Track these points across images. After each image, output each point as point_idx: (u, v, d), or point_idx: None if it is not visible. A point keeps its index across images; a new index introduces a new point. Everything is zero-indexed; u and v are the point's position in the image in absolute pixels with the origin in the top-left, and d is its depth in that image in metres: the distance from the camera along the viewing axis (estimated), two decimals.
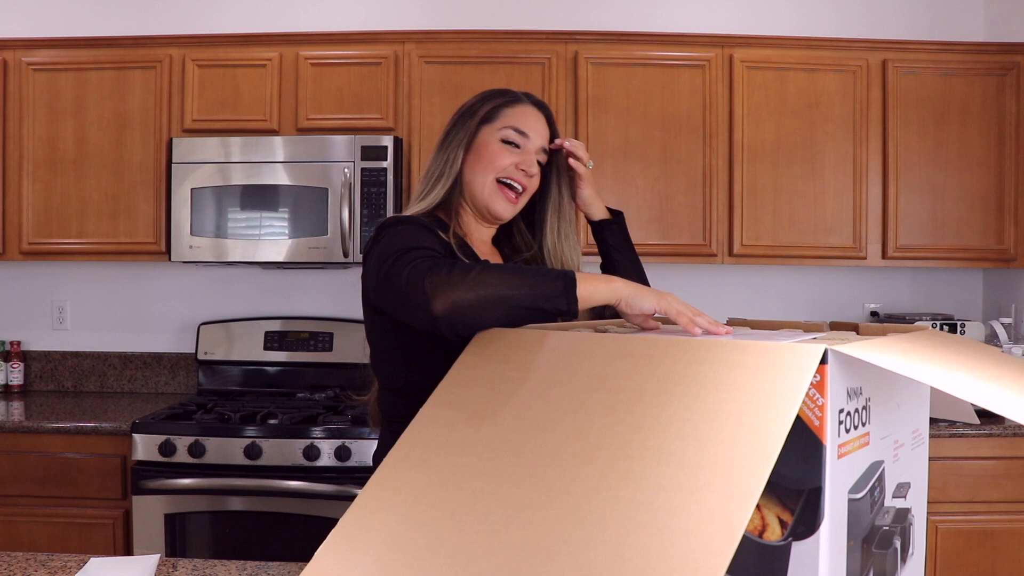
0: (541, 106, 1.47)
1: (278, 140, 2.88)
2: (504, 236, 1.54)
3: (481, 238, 1.47)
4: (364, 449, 2.52)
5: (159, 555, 1.37)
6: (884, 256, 3.00)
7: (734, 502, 0.60)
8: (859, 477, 0.75)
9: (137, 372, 3.32)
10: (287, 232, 2.86)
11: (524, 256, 1.52)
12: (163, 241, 2.96)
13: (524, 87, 2.96)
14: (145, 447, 2.53)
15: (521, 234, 1.54)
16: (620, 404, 0.73)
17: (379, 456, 1.45)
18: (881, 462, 0.79)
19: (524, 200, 1.44)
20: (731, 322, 1.06)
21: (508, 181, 1.39)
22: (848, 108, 2.99)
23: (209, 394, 3.14)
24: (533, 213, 1.52)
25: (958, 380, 0.70)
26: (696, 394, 0.70)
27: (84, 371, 3.34)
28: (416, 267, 1.10)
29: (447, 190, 1.41)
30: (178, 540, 2.55)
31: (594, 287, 1.10)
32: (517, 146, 1.40)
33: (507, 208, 1.41)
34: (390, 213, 2.86)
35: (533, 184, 1.43)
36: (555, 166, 1.49)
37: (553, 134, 1.47)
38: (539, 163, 1.43)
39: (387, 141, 2.87)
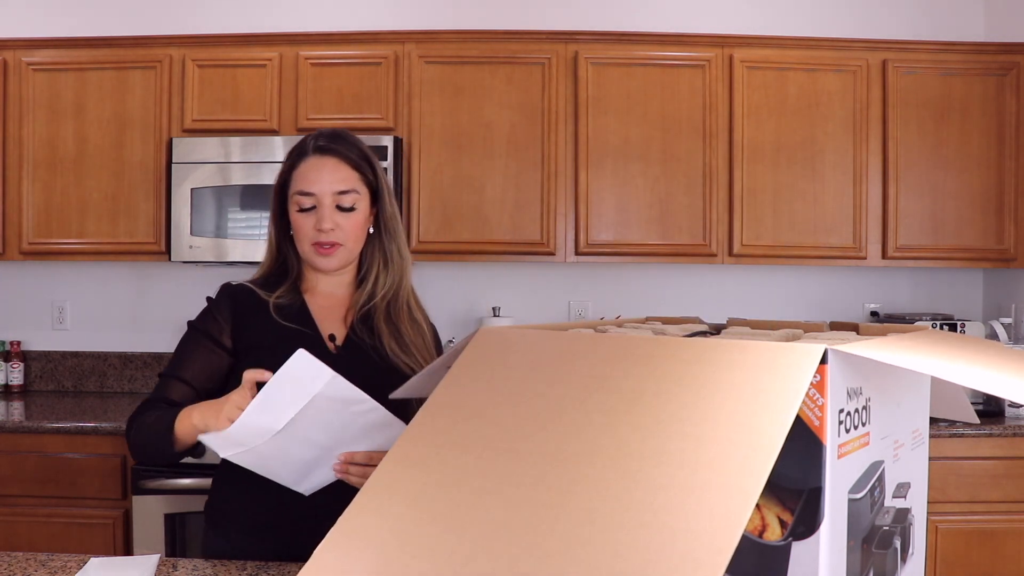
0: (324, 149, 1.45)
1: (278, 140, 2.88)
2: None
3: (330, 286, 1.52)
4: None
5: (159, 555, 1.37)
6: (884, 256, 3.00)
7: (734, 502, 0.60)
8: (859, 477, 0.75)
9: (137, 372, 3.32)
10: None
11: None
12: (163, 241, 2.96)
13: (524, 87, 2.98)
14: None
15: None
16: (620, 404, 0.73)
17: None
18: (881, 462, 0.79)
19: (347, 247, 1.46)
20: (731, 322, 1.06)
21: (318, 243, 1.44)
22: (848, 108, 2.99)
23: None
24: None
25: (959, 369, 0.70)
26: (696, 394, 0.70)
27: (84, 371, 3.34)
28: (132, 416, 1.44)
29: (274, 260, 1.53)
30: (178, 540, 2.55)
31: (182, 428, 1.30)
32: (312, 207, 1.43)
33: (327, 262, 1.46)
34: None
35: (344, 231, 1.44)
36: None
37: (354, 162, 1.46)
38: (342, 207, 1.44)
39: (387, 141, 2.86)
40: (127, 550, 2.57)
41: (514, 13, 3.29)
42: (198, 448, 1.32)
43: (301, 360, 1.13)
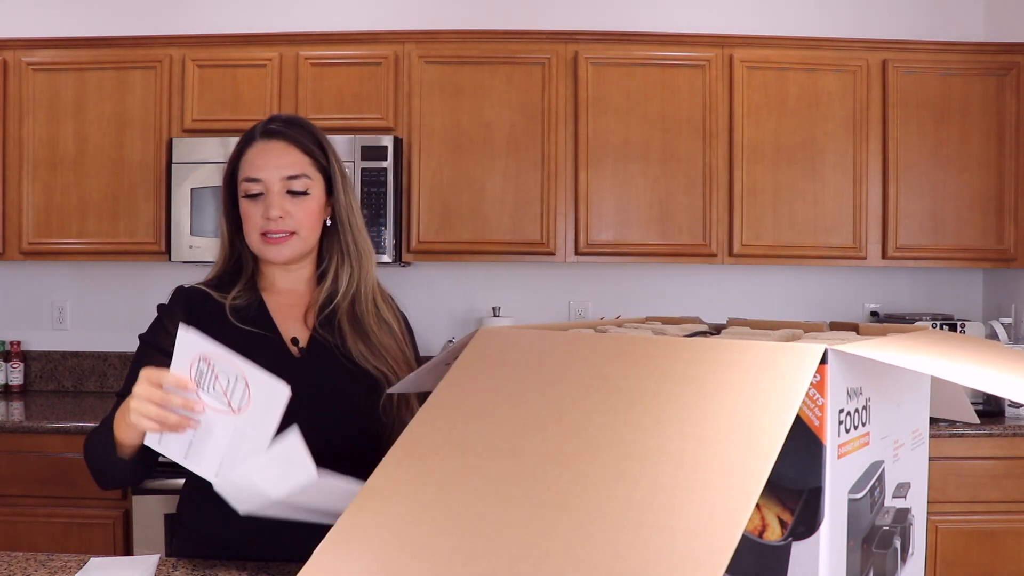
0: (272, 133, 1.37)
1: None
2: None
3: (289, 282, 1.43)
4: None
5: (159, 555, 1.37)
6: (884, 256, 3.00)
7: (734, 502, 0.60)
8: (859, 477, 0.75)
9: None
10: None
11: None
12: (163, 241, 2.96)
13: (524, 87, 2.97)
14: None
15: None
16: (620, 404, 0.73)
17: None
18: (881, 462, 0.79)
19: (300, 236, 1.37)
20: (731, 322, 1.06)
21: (267, 232, 1.35)
22: (848, 108, 2.99)
23: None
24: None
25: (959, 369, 0.70)
26: (696, 394, 0.70)
27: (84, 371, 3.34)
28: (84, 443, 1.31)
29: (227, 258, 1.43)
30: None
31: (120, 430, 1.19)
32: (260, 193, 1.35)
33: (277, 252, 1.36)
34: (390, 213, 2.86)
35: (296, 219, 1.35)
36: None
37: (303, 145, 1.38)
38: (293, 191, 1.35)
39: (387, 141, 2.86)
40: (127, 550, 2.57)
41: (514, 13, 3.29)
42: (152, 456, 1.19)
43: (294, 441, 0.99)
